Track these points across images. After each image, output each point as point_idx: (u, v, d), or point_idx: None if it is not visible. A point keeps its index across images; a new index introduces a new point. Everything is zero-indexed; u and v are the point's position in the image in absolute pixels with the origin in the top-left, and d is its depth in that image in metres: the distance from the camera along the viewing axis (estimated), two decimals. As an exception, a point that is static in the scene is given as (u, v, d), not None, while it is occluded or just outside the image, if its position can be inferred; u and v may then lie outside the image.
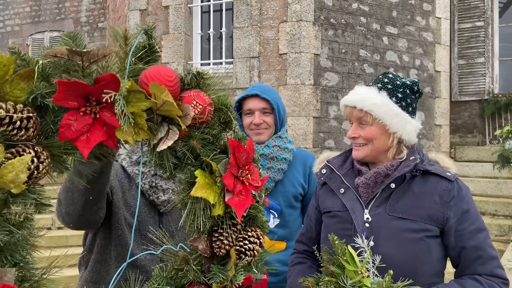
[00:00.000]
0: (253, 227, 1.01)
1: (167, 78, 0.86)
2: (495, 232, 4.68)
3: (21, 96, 0.76)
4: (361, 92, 1.47)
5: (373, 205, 1.44)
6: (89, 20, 10.54)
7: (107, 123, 0.80)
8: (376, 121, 1.42)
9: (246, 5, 5.40)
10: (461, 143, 7.26)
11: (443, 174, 1.42)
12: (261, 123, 2.02)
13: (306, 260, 1.64)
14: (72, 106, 0.77)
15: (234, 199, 0.93)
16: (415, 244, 1.37)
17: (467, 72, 7.28)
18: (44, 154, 0.77)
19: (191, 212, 0.93)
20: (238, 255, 0.97)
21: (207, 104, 0.92)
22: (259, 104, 2.01)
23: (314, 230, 1.65)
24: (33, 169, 0.75)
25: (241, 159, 0.96)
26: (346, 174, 1.54)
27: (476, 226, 1.39)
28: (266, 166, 2.00)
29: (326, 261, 1.24)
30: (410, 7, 5.87)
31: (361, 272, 1.18)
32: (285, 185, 2.03)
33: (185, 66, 5.76)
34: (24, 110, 0.74)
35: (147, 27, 0.91)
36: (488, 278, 1.35)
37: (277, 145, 2.03)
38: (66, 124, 0.77)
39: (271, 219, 2.02)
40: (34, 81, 0.76)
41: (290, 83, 5.18)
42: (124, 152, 1.66)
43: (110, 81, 0.78)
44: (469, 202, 1.41)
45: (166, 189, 1.58)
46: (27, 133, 0.75)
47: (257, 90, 2.02)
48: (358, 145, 1.47)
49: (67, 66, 0.79)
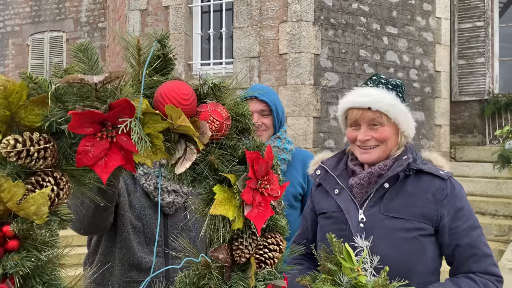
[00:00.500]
0: (272, 233, 1.00)
1: (183, 97, 0.84)
2: (495, 232, 4.68)
3: (36, 121, 0.76)
4: (373, 93, 1.44)
5: (367, 205, 1.45)
6: (89, 20, 10.54)
7: (124, 148, 0.80)
8: (391, 121, 1.43)
9: (246, 5, 5.40)
10: (461, 143, 7.26)
11: (436, 173, 1.43)
12: (260, 125, 2.03)
13: (304, 261, 1.64)
14: (88, 133, 0.77)
15: (253, 211, 0.92)
16: (410, 243, 1.38)
17: (467, 72, 7.28)
18: (64, 179, 0.78)
19: (210, 226, 0.92)
20: (258, 264, 0.97)
21: (224, 119, 0.90)
22: (257, 106, 2.02)
23: (310, 231, 1.65)
24: (53, 197, 0.76)
25: (260, 170, 0.94)
26: (341, 175, 1.54)
27: (470, 224, 1.39)
28: None
29: (323, 259, 1.25)
30: (410, 7, 5.87)
31: (357, 270, 1.18)
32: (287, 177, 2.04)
33: (185, 66, 5.77)
34: (41, 139, 0.75)
35: (161, 36, 0.88)
36: (483, 276, 1.35)
37: (276, 146, 2.04)
38: (84, 151, 0.77)
39: None
40: (48, 107, 0.76)
41: (290, 83, 5.19)
42: None
43: (125, 107, 0.77)
44: (462, 200, 1.42)
45: (171, 190, 1.57)
46: (45, 161, 0.75)
47: (256, 92, 2.02)
48: (368, 147, 1.45)
49: (80, 90, 0.78)
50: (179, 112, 0.82)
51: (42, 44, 10.84)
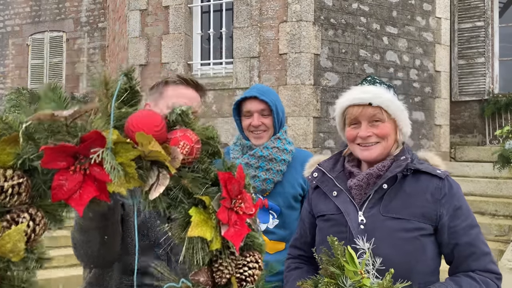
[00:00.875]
0: (250, 251, 1.02)
1: (154, 123, 0.86)
2: (495, 232, 4.68)
3: (8, 160, 0.77)
4: (371, 90, 1.46)
5: (366, 207, 1.45)
6: (89, 20, 10.55)
7: (97, 178, 0.81)
8: (391, 117, 1.44)
9: (246, 5, 5.40)
10: (461, 143, 7.26)
11: (434, 172, 1.43)
12: (260, 125, 2.03)
13: (303, 265, 1.64)
14: (61, 167, 0.78)
15: (230, 230, 0.94)
16: (410, 243, 1.38)
17: (467, 72, 7.28)
18: (39, 215, 0.79)
19: (189, 250, 0.94)
20: (240, 283, 0.98)
21: (194, 143, 0.92)
22: (257, 106, 2.02)
23: (308, 235, 1.64)
24: (30, 233, 0.76)
25: (233, 190, 0.97)
26: (338, 177, 1.54)
27: (468, 223, 1.40)
28: (265, 168, 2.00)
29: (325, 262, 1.25)
30: (410, 7, 5.87)
31: (360, 272, 1.18)
32: (284, 186, 2.03)
33: (185, 66, 5.77)
34: (14, 176, 0.75)
35: (127, 70, 0.92)
36: (482, 274, 1.36)
37: (276, 147, 2.03)
38: (58, 185, 0.78)
39: (270, 219, 2.03)
40: (20, 145, 0.77)
41: (290, 83, 5.19)
42: None
43: (96, 139, 0.79)
44: (460, 199, 1.43)
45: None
46: (19, 198, 0.76)
47: (256, 92, 2.02)
48: (369, 144, 1.45)
49: (51, 126, 0.80)
50: (149, 138, 0.84)
51: (42, 44, 10.84)
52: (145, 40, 5.96)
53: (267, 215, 2.03)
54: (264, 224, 2.03)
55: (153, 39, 5.93)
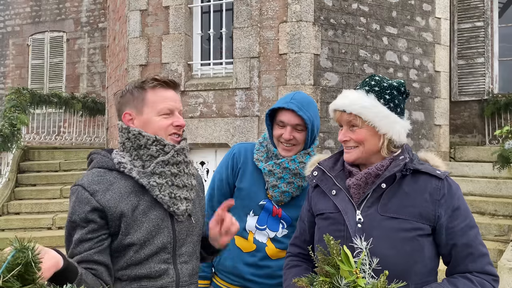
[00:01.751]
0: None
1: None
2: (495, 232, 4.69)
3: None
4: (349, 96, 1.49)
5: (364, 206, 1.45)
6: (89, 20, 10.55)
7: None
8: (366, 123, 1.45)
9: (246, 6, 5.41)
10: (461, 143, 7.26)
11: (433, 173, 1.44)
12: (291, 139, 1.95)
13: (301, 263, 1.65)
14: None
15: None
16: (408, 244, 1.38)
17: (467, 72, 7.29)
18: None
19: None
20: None
21: None
22: (293, 119, 1.92)
23: (308, 233, 1.66)
24: None
25: None
26: (338, 176, 1.55)
27: (466, 223, 1.41)
28: (287, 180, 1.96)
29: (321, 261, 1.25)
30: (410, 7, 5.88)
31: (355, 272, 1.18)
32: (301, 200, 2.00)
33: (185, 66, 5.78)
34: None
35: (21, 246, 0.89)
36: (479, 276, 1.36)
37: (303, 162, 1.96)
38: None
39: (280, 228, 2.02)
40: None
41: (290, 83, 5.20)
42: (127, 160, 1.50)
43: None
44: (459, 200, 1.43)
45: (183, 198, 1.53)
46: None
47: (295, 106, 1.91)
48: (349, 147, 1.50)
49: None
50: None
51: (43, 44, 10.85)
52: (145, 40, 5.96)
53: (278, 224, 2.02)
54: (273, 232, 2.02)
55: (153, 39, 5.94)
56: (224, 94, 5.49)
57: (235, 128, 5.36)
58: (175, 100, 1.55)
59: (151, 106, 1.51)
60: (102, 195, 1.41)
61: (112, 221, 1.42)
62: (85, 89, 10.53)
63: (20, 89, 8.08)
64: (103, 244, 1.41)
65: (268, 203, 2.02)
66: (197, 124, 5.60)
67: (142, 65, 5.97)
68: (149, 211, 1.47)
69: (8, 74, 11.20)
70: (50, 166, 7.97)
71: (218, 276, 2.13)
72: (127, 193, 1.45)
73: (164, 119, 1.52)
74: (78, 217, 1.39)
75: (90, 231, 1.39)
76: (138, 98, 1.53)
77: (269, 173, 1.98)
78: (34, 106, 8.35)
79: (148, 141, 1.48)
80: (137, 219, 1.45)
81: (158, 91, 1.53)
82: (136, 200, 1.46)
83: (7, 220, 6.67)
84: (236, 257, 2.04)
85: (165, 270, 1.48)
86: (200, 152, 5.85)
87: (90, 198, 1.40)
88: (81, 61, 10.60)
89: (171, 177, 1.50)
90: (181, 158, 1.53)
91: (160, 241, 1.47)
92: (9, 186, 7.33)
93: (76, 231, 1.39)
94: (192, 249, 1.58)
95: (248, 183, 2.04)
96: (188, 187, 1.56)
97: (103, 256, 1.40)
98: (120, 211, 1.42)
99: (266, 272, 2.00)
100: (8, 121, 7.00)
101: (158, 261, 1.47)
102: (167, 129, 1.53)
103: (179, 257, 1.53)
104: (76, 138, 9.78)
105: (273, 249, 2.01)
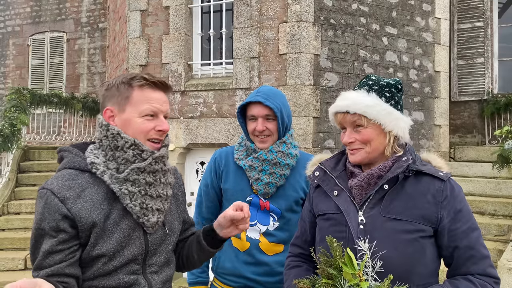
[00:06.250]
0: None
1: None
2: (495, 232, 4.69)
3: None
4: (350, 97, 1.47)
5: (367, 207, 1.44)
6: (89, 20, 10.55)
7: None
8: (371, 122, 1.44)
9: (246, 6, 5.41)
10: (461, 143, 7.27)
11: (436, 174, 1.43)
12: (264, 130, 2.02)
13: (302, 263, 1.64)
14: None
15: None
16: (410, 245, 1.37)
17: (467, 72, 7.29)
18: None
19: None
20: None
21: None
22: (262, 110, 2.00)
23: (309, 233, 1.65)
24: None
25: None
26: (339, 176, 1.54)
27: (469, 226, 1.40)
28: (269, 171, 2.00)
29: (323, 263, 1.24)
30: (409, 7, 5.89)
31: (358, 275, 1.17)
32: (286, 189, 2.04)
33: (185, 66, 5.78)
34: None
35: None
36: (481, 278, 1.36)
37: (281, 151, 2.02)
38: None
39: (270, 222, 2.03)
40: None
41: (290, 83, 5.20)
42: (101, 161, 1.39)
43: None
44: (462, 202, 1.42)
45: (156, 209, 1.43)
46: None
47: (261, 97, 1.99)
48: (355, 149, 1.48)
49: None
50: None
51: (43, 44, 10.85)
52: (145, 40, 5.97)
53: (268, 217, 2.04)
54: (265, 226, 2.04)
55: (154, 40, 5.94)
56: (224, 94, 5.49)
57: (235, 128, 5.36)
58: (161, 102, 1.44)
59: (134, 105, 1.40)
60: (73, 203, 1.31)
61: (83, 232, 1.33)
62: (85, 89, 10.52)
63: (20, 89, 8.07)
64: (75, 256, 1.33)
65: (254, 198, 2.04)
66: (197, 124, 5.60)
67: (142, 65, 5.97)
68: (121, 220, 1.38)
69: (8, 74, 11.20)
70: (51, 166, 7.97)
71: (218, 280, 2.13)
72: (99, 201, 1.36)
73: (146, 122, 1.41)
74: (48, 225, 1.29)
75: (60, 242, 1.30)
76: (122, 95, 1.41)
77: (250, 168, 2.02)
78: (34, 106, 8.34)
79: (125, 143, 1.38)
80: (108, 229, 1.35)
81: (145, 91, 1.41)
82: (109, 208, 1.37)
83: (7, 220, 6.68)
84: (234, 258, 2.05)
85: (134, 280, 1.40)
86: (200, 152, 5.85)
87: (61, 205, 1.30)
88: (81, 61, 10.60)
89: (145, 186, 1.40)
90: (159, 166, 1.43)
91: (131, 253, 1.39)
92: (9, 186, 7.33)
93: (44, 240, 1.31)
94: (164, 259, 1.51)
95: (233, 183, 2.08)
96: (162, 198, 1.46)
97: (74, 268, 1.32)
98: (91, 221, 1.32)
99: (265, 269, 2.01)
100: (8, 121, 7.00)
101: (127, 272, 1.39)
102: (148, 133, 1.41)
103: (149, 267, 1.45)
104: (76, 138, 9.78)
105: (267, 244, 2.02)
